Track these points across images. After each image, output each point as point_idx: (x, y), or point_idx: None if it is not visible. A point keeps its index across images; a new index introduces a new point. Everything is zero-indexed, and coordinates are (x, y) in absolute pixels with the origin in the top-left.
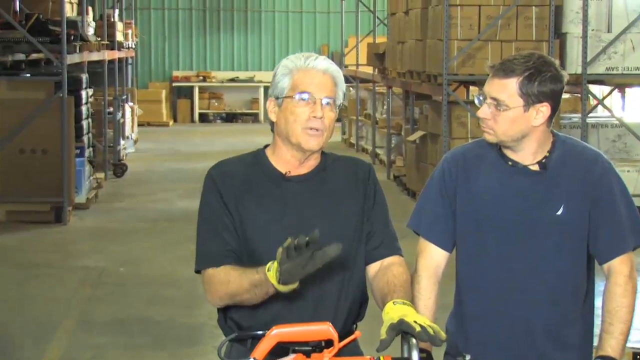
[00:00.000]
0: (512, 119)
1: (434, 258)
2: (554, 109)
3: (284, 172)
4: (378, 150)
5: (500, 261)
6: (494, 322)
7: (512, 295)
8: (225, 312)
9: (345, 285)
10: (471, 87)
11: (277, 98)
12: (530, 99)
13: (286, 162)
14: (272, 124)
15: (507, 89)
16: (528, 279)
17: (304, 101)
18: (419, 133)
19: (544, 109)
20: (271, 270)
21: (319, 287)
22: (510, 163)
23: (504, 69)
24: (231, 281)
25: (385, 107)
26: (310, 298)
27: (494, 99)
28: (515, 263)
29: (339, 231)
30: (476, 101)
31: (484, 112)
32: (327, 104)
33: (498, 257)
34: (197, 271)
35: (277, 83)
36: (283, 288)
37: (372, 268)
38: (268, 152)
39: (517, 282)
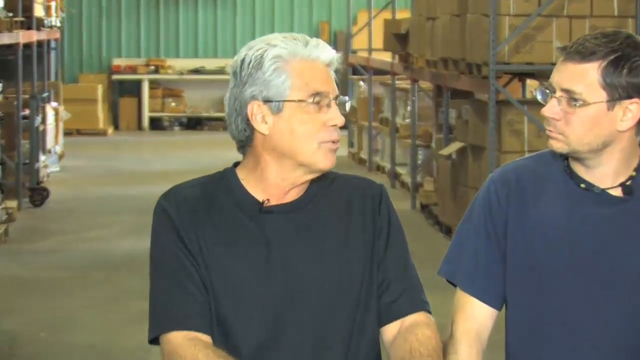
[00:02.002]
0: (591, 119)
1: (476, 317)
2: None
3: (261, 201)
4: (399, 169)
5: (567, 324)
6: None
7: None
8: None
9: (352, 356)
10: (528, 81)
11: (267, 101)
12: (616, 93)
13: (270, 186)
14: (247, 137)
15: (586, 77)
16: (606, 351)
17: (317, 106)
18: (456, 145)
19: (634, 107)
20: None
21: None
22: (582, 185)
23: (581, 51)
24: None
25: (409, 109)
26: None
27: (567, 90)
28: (588, 328)
29: (340, 283)
30: (539, 96)
31: (552, 109)
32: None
33: (564, 319)
34: (152, 340)
35: (268, 81)
36: None
37: (389, 330)
38: (240, 172)
39: (591, 355)
